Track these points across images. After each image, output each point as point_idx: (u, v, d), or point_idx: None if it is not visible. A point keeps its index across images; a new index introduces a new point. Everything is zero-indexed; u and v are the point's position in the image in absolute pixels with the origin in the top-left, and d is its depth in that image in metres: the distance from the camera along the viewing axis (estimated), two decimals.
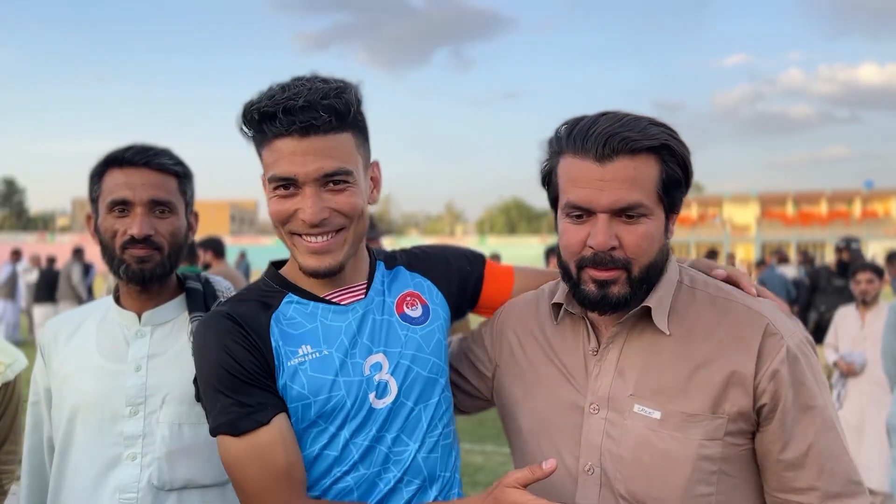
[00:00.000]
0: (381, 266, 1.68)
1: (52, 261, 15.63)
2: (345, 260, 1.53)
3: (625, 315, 1.46)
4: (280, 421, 1.47)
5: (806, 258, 14.63)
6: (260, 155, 1.52)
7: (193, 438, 1.79)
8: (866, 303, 5.52)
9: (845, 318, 5.70)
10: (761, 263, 13.95)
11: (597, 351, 1.50)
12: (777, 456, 1.40)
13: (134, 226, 1.77)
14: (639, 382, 1.44)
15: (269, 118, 1.43)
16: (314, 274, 1.52)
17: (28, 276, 16.04)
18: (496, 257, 13.82)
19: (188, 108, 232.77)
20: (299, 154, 1.43)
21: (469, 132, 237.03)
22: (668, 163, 1.40)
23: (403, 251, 1.77)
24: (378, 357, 1.55)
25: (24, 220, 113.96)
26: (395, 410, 1.54)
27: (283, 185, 1.46)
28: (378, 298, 1.61)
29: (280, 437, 1.46)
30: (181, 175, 1.87)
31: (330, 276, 1.53)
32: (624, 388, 1.45)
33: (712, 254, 16.23)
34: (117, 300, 1.91)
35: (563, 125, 1.48)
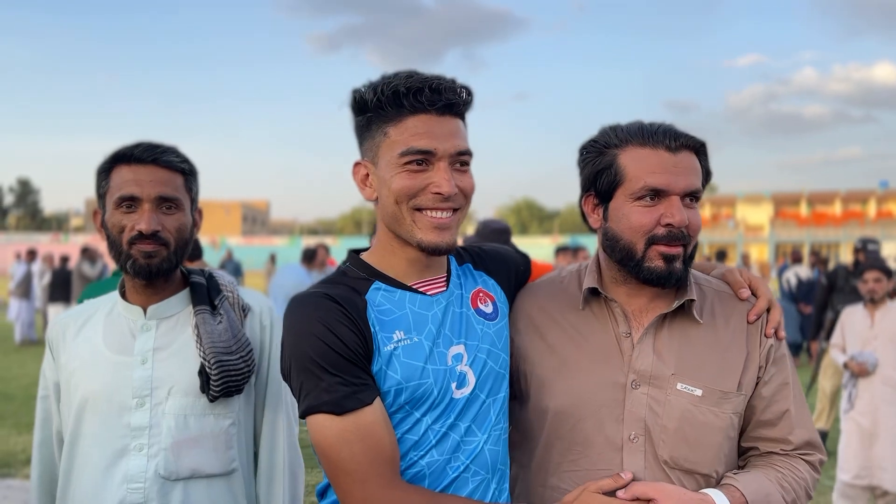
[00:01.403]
0: (453, 261, 1.71)
1: (65, 260, 15.73)
2: (454, 242, 1.56)
3: (665, 303, 1.67)
4: (380, 402, 1.47)
5: (818, 259, 14.53)
6: (379, 133, 1.54)
7: (199, 429, 1.83)
8: (874, 302, 5.44)
9: (852, 318, 5.61)
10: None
11: (628, 334, 1.67)
12: (758, 417, 1.68)
13: (142, 221, 1.79)
14: (678, 363, 1.63)
15: (415, 93, 1.49)
16: (434, 250, 1.54)
17: (43, 277, 16.16)
18: None
19: (201, 110, 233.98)
20: (437, 130, 1.50)
21: (479, 133, 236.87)
22: (704, 160, 1.66)
23: (465, 249, 1.80)
24: (459, 348, 1.58)
25: (38, 221, 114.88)
26: (470, 401, 1.57)
27: (418, 159, 1.50)
28: (457, 292, 1.65)
29: (383, 418, 1.46)
30: (187, 172, 1.90)
31: (445, 253, 1.57)
32: (665, 368, 1.63)
33: (721, 255, 16.18)
34: (123, 295, 1.94)
35: (609, 128, 1.69)
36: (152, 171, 1.83)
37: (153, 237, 1.80)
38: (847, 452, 5.35)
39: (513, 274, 1.83)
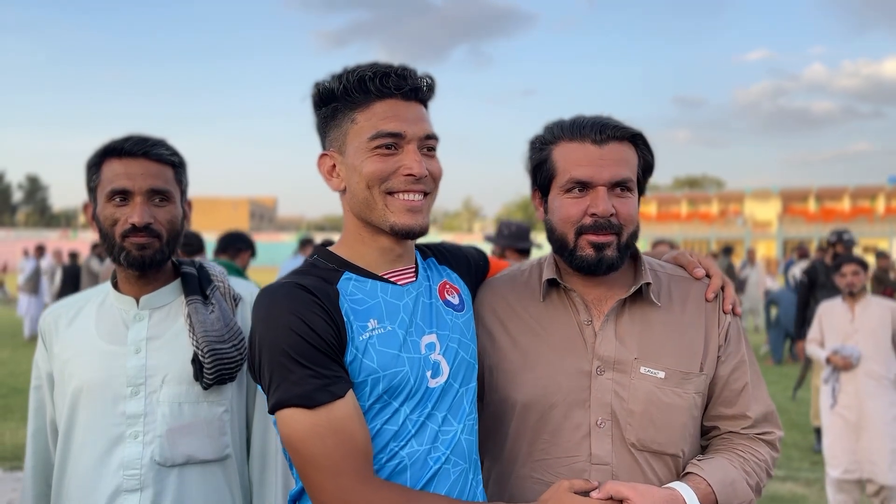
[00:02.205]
0: (418, 255, 1.73)
1: (74, 256, 15.81)
2: (427, 225, 1.58)
3: (623, 290, 1.71)
4: (353, 396, 1.46)
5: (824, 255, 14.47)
6: (347, 120, 1.55)
7: (193, 416, 1.87)
8: (853, 295, 5.43)
9: (831, 312, 5.58)
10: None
11: (590, 322, 1.70)
12: (717, 395, 1.73)
13: (134, 215, 1.82)
14: (640, 348, 1.68)
15: (381, 78, 1.52)
16: (408, 233, 1.55)
17: (54, 274, 16.24)
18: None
19: (209, 107, 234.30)
20: (405, 114, 1.54)
21: (487, 129, 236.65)
22: (642, 151, 1.71)
23: (427, 246, 1.81)
24: (431, 338, 1.59)
25: (47, 217, 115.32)
26: (445, 390, 1.58)
27: (387, 143, 1.52)
28: (425, 283, 1.66)
29: (356, 412, 1.44)
30: (177, 164, 1.93)
31: (418, 236, 1.58)
32: (628, 353, 1.68)
33: (728, 251, 16.14)
34: (115, 285, 1.97)
35: (550, 124, 1.75)
36: (143, 165, 1.85)
37: (146, 230, 1.83)
38: (835, 447, 5.33)
39: (473, 269, 1.86)
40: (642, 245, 1.82)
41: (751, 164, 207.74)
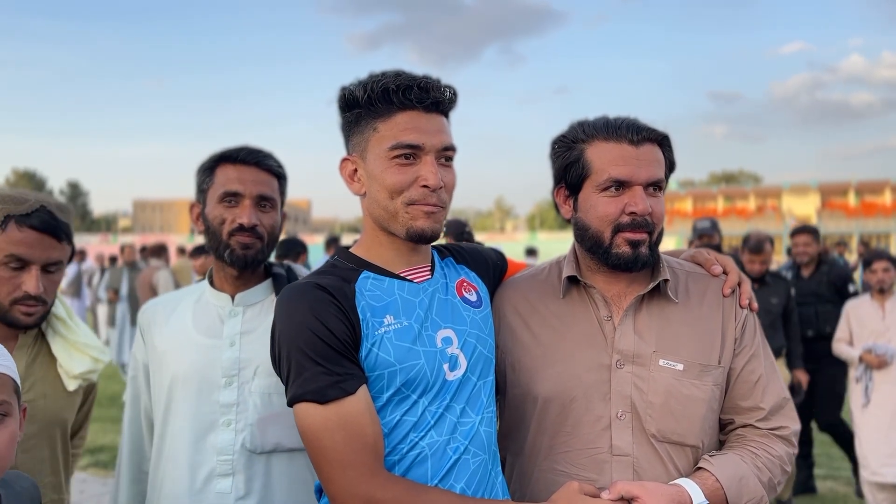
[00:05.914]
0: (435, 255, 1.79)
1: (114, 260, 16.17)
2: (439, 231, 1.64)
3: (641, 286, 1.76)
4: (365, 392, 1.52)
5: (868, 250, 14.22)
6: (369, 128, 1.61)
7: (282, 406, 1.94)
8: (883, 292, 5.35)
9: (860, 310, 5.48)
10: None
11: (609, 317, 1.75)
12: (733, 387, 1.76)
13: (244, 215, 1.97)
14: (659, 341, 1.72)
15: (404, 90, 1.57)
16: (420, 236, 1.61)
17: (93, 276, 16.61)
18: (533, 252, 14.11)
19: (244, 111, 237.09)
20: (425, 126, 1.59)
21: (519, 128, 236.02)
22: (668, 152, 1.76)
23: (445, 247, 1.87)
24: (448, 332, 1.65)
25: (87, 222, 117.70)
26: (463, 383, 1.63)
27: (406, 153, 1.58)
28: (442, 280, 1.73)
29: (366, 408, 1.51)
30: (281, 177, 2.09)
31: (430, 240, 1.64)
32: (646, 347, 1.72)
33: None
34: (211, 283, 2.11)
35: (576, 123, 1.79)
36: (254, 172, 2.01)
37: (252, 230, 1.97)
38: (866, 447, 5.27)
39: (490, 268, 1.91)
40: (678, 242, 1.87)
41: (788, 159, 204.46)
